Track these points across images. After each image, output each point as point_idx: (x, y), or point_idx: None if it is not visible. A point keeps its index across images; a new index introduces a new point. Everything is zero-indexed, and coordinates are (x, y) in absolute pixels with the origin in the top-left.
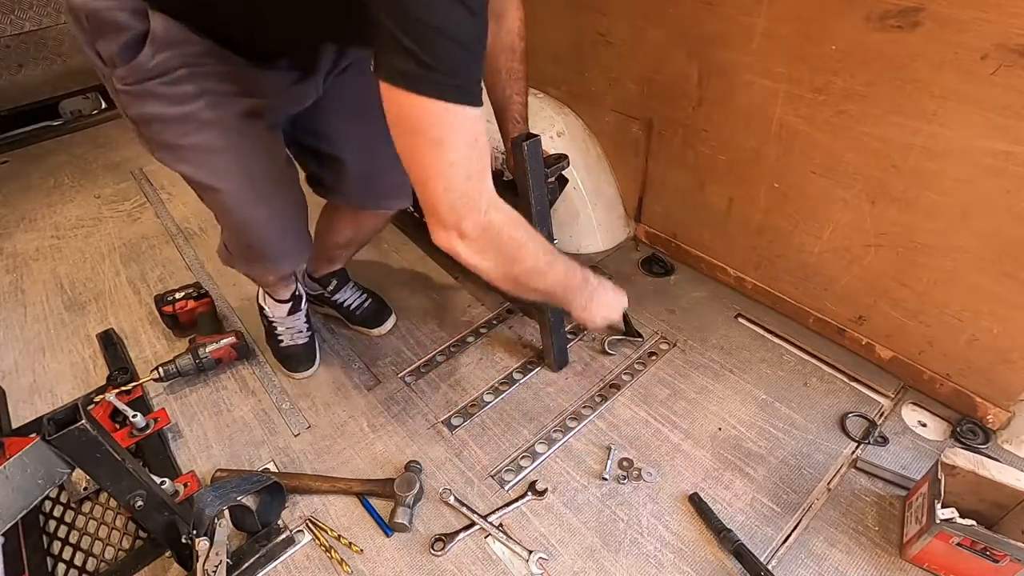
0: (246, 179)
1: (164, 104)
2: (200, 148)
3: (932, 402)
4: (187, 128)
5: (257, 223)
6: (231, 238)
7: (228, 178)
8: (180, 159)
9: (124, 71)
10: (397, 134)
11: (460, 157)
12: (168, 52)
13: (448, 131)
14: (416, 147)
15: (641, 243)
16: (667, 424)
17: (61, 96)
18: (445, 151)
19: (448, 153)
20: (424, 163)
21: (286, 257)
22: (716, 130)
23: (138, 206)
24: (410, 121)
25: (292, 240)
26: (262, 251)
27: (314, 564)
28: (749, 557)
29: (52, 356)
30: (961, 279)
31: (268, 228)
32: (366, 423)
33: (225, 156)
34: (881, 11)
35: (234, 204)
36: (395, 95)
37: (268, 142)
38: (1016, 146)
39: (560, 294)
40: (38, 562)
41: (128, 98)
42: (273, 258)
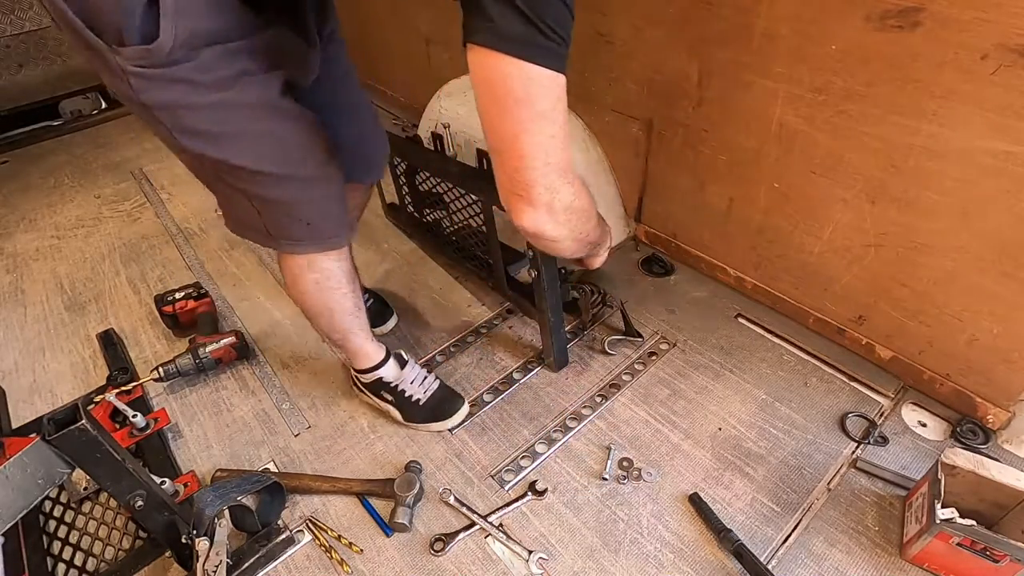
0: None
1: (195, 91)
2: (242, 134)
3: (932, 402)
4: (225, 115)
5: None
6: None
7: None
8: (218, 147)
9: (137, 52)
10: (491, 104)
11: (560, 129)
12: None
13: (555, 103)
14: (517, 119)
15: (641, 243)
16: (667, 424)
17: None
18: (548, 123)
19: (551, 125)
20: (525, 137)
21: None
22: (716, 130)
23: (138, 206)
24: (516, 92)
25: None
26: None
27: (314, 564)
28: (749, 557)
29: (52, 356)
30: (961, 279)
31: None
32: (366, 423)
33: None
34: (881, 11)
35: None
36: (494, 60)
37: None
38: (1016, 146)
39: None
40: (38, 562)
41: (144, 82)
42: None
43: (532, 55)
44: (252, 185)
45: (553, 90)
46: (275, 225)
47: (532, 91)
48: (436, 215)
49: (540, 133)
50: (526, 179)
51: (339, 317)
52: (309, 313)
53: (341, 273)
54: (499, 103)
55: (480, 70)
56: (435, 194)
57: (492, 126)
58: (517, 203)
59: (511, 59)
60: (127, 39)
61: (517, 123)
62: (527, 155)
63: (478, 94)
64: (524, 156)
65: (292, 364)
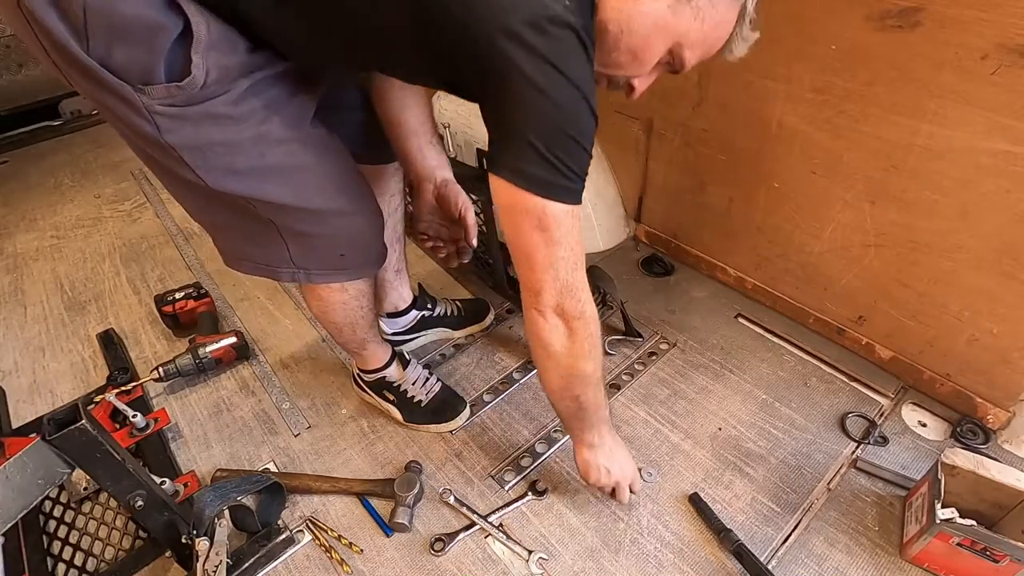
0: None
1: (232, 127)
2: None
3: (932, 402)
4: (263, 149)
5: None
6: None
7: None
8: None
9: (166, 90)
10: (512, 226)
11: (570, 252)
12: (223, 62)
13: (567, 230)
14: (533, 242)
15: (641, 243)
16: (667, 424)
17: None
18: (560, 248)
19: (561, 249)
20: (539, 256)
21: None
22: (716, 130)
23: (138, 206)
24: (532, 219)
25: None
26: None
27: (314, 564)
28: (749, 557)
29: (52, 356)
30: (961, 279)
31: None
32: (366, 423)
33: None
34: (881, 11)
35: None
36: (518, 195)
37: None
38: (1016, 146)
39: (587, 417)
40: (38, 562)
41: (173, 122)
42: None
43: (553, 195)
44: (285, 218)
45: (568, 220)
46: (305, 258)
47: (549, 223)
48: None
49: (553, 254)
50: (536, 286)
51: (360, 331)
52: (331, 328)
53: (369, 291)
54: (518, 227)
55: (503, 197)
56: None
57: (511, 240)
58: (530, 307)
59: (533, 196)
60: (155, 77)
61: (533, 244)
62: (538, 270)
63: (499, 210)
64: (535, 269)
65: (292, 364)
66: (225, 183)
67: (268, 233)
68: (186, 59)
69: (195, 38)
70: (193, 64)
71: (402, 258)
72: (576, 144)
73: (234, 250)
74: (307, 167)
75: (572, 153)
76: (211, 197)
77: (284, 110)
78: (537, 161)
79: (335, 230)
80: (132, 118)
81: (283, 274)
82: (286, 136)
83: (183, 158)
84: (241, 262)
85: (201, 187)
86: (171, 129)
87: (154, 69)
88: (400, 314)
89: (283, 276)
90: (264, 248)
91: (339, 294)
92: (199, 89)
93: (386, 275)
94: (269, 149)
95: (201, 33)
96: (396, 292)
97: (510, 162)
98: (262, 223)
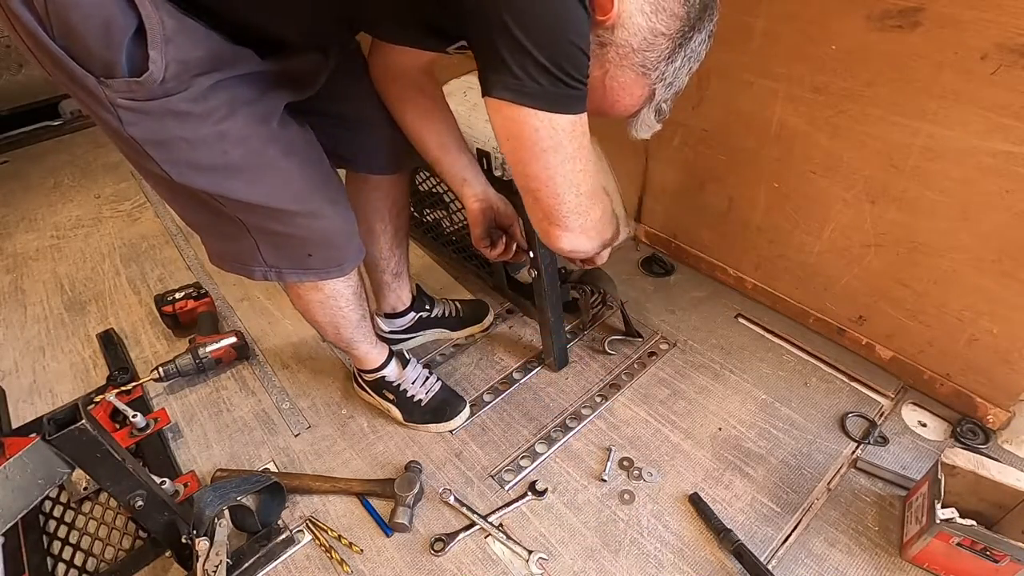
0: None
1: (192, 124)
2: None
3: (932, 402)
4: (224, 147)
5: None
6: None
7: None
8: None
9: (126, 84)
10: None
11: (585, 162)
12: (182, 57)
13: (581, 140)
14: (548, 163)
15: (641, 243)
16: (667, 424)
17: (61, 96)
18: (577, 161)
19: (579, 162)
20: (556, 176)
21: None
22: (716, 130)
23: (138, 206)
24: (544, 142)
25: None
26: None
27: (314, 564)
28: (749, 557)
29: (52, 356)
30: (961, 279)
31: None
32: (366, 423)
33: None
34: (881, 11)
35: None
36: (528, 117)
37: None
38: (1016, 146)
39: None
40: (38, 562)
41: (134, 115)
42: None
43: (557, 106)
44: (251, 216)
45: (578, 131)
46: (275, 256)
47: (560, 139)
48: (436, 215)
49: (571, 172)
50: (562, 212)
51: (344, 331)
52: (316, 327)
53: (348, 291)
54: (529, 151)
55: (505, 123)
56: (435, 194)
57: (523, 170)
58: (555, 231)
59: (538, 112)
60: (115, 71)
61: (548, 167)
62: (561, 193)
63: (503, 142)
64: (559, 194)
65: (292, 364)
66: (189, 178)
67: (239, 231)
68: (144, 54)
69: (149, 33)
70: (151, 60)
71: (402, 262)
72: (573, 45)
73: (213, 247)
74: (272, 167)
75: (572, 56)
76: (181, 192)
77: (248, 108)
78: (535, 71)
79: (302, 230)
80: (98, 110)
81: (256, 272)
82: (248, 134)
83: (147, 152)
84: (221, 260)
85: (169, 182)
86: (133, 123)
87: (113, 63)
88: (398, 315)
89: (256, 274)
90: (237, 245)
91: (314, 293)
92: (158, 84)
93: (384, 277)
94: (232, 147)
95: (155, 28)
96: (395, 294)
97: (505, 79)
98: (232, 221)
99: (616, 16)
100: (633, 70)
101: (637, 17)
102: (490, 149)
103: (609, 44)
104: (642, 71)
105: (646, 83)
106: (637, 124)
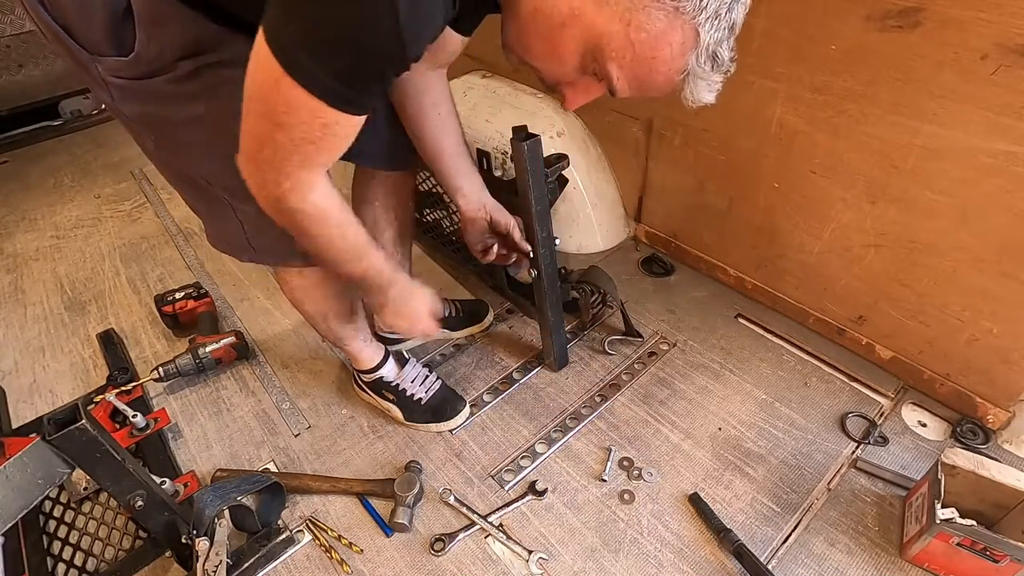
0: None
1: (173, 104)
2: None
3: (932, 402)
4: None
5: None
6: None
7: None
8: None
9: (115, 63)
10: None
11: (287, 143)
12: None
13: (297, 119)
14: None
15: (641, 243)
16: (667, 424)
17: (61, 96)
18: (276, 130)
19: (276, 132)
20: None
21: None
22: (716, 130)
23: (138, 206)
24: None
25: None
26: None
27: (314, 564)
28: (749, 557)
29: (52, 356)
30: (961, 279)
31: None
32: (366, 423)
33: None
34: (881, 11)
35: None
36: (264, 52)
37: None
38: (1016, 146)
39: (365, 287)
40: (38, 562)
41: (123, 93)
42: None
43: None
44: (234, 199)
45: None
46: (259, 239)
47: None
48: (436, 215)
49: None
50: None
51: (333, 323)
52: (307, 319)
53: (334, 280)
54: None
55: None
56: (435, 194)
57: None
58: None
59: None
60: (105, 49)
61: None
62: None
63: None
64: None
65: (292, 364)
66: (175, 158)
67: (227, 212)
68: (132, 35)
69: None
70: (138, 40)
71: (404, 261)
72: (352, 51)
73: (210, 228)
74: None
75: (338, 55)
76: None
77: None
78: (301, 42)
79: None
80: (93, 86)
81: (244, 254)
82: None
83: (138, 129)
84: (216, 240)
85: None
86: (123, 99)
87: (103, 41)
88: None
89: (244, 256)
90: (227, 227)
91: (298, 279)
92: (144, 64)
93: None
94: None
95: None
96: None
97: (280, 32)
98: (220, 202)
99: None
100: (662, 9)
101: None
102: (490, 149)
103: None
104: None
105: (684, 22)
106: (692, 84)
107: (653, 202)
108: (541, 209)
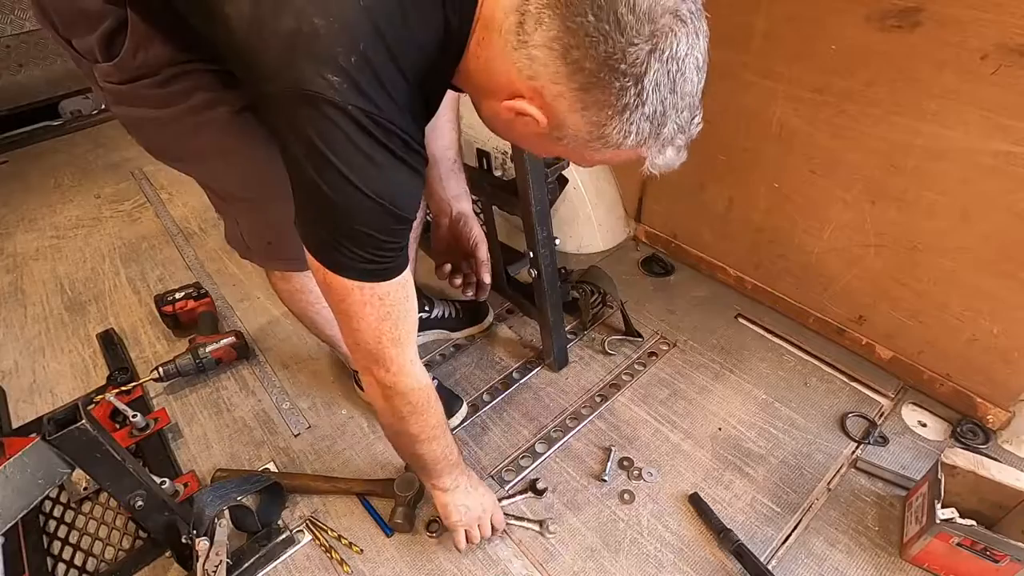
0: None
1: (155, 107)
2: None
3: (932, 402)
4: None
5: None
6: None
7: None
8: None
9: (107, 68)
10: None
11: (367, 326)
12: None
13: (360, 305)
14: (337, 311)
15: (641, 243)
16: (667, 424)
17: (61, 96)
18: (351, 320)
19: (352, 321)
20: (342, 324)
21: None
22: (716, 130)
23: (138, 206)
24: (332, 294)
25: None
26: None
27: (314, 564)
28: (749, 557)
29: (52, 356)
30: (961, 279)
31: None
32: (366, 423)
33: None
34: (881, 11)
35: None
36: (317, 265)
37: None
38: (1016, 146)
39: (431, 468)
40: (38, 562)
41: (114, 97)
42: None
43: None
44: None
45: (357, 296)
46: (250, 238)
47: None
48: None
49: (346, 324)
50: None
51: (322, 329)
52: (298, 319)
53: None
54: (324, 295)
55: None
56: None
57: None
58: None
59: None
60: (99, 56)
61: (337, 313)
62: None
63: None
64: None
65: (292, 364)
66: (169, 158)
67: (226, 209)
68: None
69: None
70: (124, 48)
71: None
72: (365, 234)
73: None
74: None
75: (359, 240)
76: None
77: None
78: (326, 243)
79: (258, 218)
80: (94, 87)
81: (240, 250)
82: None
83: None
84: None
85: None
86: (116, 102)
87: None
88: None
89: (241, 252)
90: (229, 223)
91: (282, 283)
92: (131, 69)
93: None
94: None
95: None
96: None
97: (308, 236)
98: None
99: (548, 124)
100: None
101: (569, 117)
102: (490, 149)
103: (564, 139)
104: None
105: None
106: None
107: (653, 202)
108: (541, 209)
